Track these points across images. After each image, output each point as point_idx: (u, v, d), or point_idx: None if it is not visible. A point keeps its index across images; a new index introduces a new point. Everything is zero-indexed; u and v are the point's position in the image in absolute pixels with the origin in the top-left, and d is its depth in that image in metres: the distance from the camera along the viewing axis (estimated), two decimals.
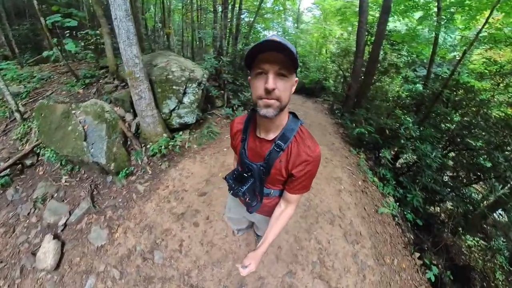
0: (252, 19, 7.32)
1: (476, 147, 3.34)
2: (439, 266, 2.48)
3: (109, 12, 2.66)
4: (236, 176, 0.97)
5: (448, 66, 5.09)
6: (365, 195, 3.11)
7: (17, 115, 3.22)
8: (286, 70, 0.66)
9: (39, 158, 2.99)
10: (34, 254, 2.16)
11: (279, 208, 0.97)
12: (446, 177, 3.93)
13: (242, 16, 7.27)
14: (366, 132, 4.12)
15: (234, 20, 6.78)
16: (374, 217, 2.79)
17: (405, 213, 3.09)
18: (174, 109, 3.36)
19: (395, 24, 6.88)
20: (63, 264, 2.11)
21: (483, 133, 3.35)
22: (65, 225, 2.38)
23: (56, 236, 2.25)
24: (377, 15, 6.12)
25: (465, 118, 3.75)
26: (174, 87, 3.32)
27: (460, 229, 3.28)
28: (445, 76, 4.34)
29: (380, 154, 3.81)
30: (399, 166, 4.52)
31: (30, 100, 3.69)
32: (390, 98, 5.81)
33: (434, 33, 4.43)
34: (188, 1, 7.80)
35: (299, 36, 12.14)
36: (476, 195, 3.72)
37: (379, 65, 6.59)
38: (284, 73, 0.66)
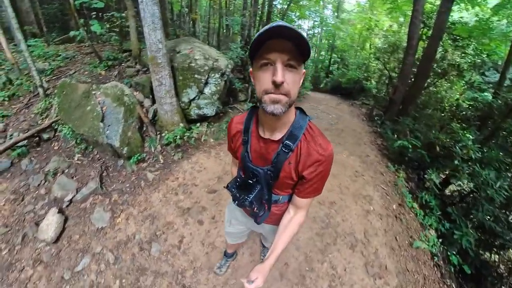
0: (286, 6, 7.32)
1: None
2: None
3: None
4: (239, 184, 0.95)
5: None
6: (399, 222, 2.89)
7: (40, 90, 3.65)
8: (295, 60, 0.64)
9: (56, 134, 3.38)
10: (37, 224, 2.45)
11: (288, 215, 0.96)
12: None
13: (275, 3, 7.29)
14: (410, 146, 3.83)
15: (266, 6, 6.84)
16: (407, 251, 2.58)
17: (449, 254, 2.79)
18: (194, 99, 3.56)
19: (461, 14, 6.26)
20: (63, 239, 2.38)
21: None
22: (70, 201, 2.68)
23: (60, 211, 2.52)
24: (438, 2, 5.62)
25: None
26: (196, 75, 3.50)
27: None
28: None
29: (425, 176, 3.50)
30: (449, 194, 4.11)
31: (53, 78, 4.18)
32: (447, 108, 5.31)
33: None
34: None
35: (338, 27, 11.79)
36: None
37: (435, 65, 6.10)
38: (294, 64, 0.64)
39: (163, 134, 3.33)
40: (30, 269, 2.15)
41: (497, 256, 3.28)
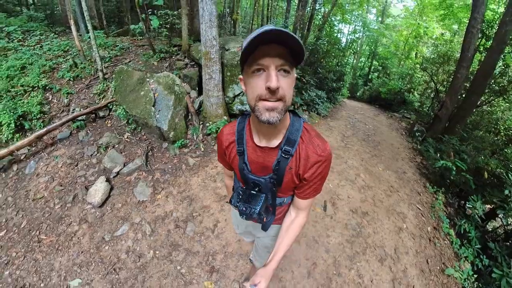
0: (329, 10, 7.40)
1: None
2: None
3: None
4: (242, 197, 0.92)
5: None
6: (432, 246, 2.86)
7: (100, 74, 4.21)
8: (289, 65, 0.64)
9: (110, 113, 3.87)
10: (87, 188, 2.84)
11: (289, 217, 0.98)
12: None
13: (317, 6, 7.41)
14: (454, 168, 3.69)
15: (308, 9, 7.00)
16: (437, 276, 2.56)
17: None
18: (238, 95, 3.92)
19: None
20: (107, 204, 2.71)
21: None
22: (117, 173, 3.06)
23: (108, 180, 2.89)
24: (502, 10, 5.25)
25: None
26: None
27: None
28: None
29: (468, 203, 3.37)
30: (492, 230, 3.84)
31: (111, 64, 4.80)
32: (502, 131, 4.97)
33: None
34: None
35: (382, 33, 11.48)
36: None
37: (492, 81, 5.72)
38: (287, 68, 0.64)
39: (206, 125, 3.69)
40: (76, 225, 2.52)
41: None
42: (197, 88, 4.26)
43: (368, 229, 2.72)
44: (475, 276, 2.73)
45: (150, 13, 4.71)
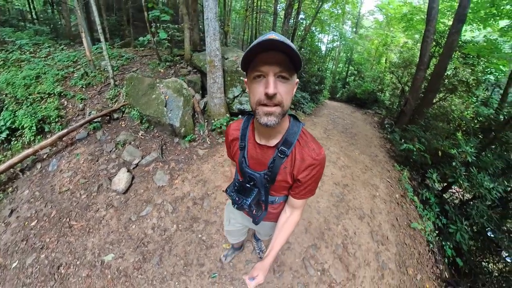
0: (310, 22, 7.98)
1: None
2: None
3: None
4: (237, 188, 0.95)
5: None
6: (400, 207, 3.38)
7: (112, 81, 4.43)
8: (287, 72, 0.65)
9: (123, 115, 4.07)
10: (110, 179, 2.98)
11: (284, 215, 0.99)
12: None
13: (300, 19, 7.98)
14: (415, 150, 4.28)
15: (292, 22, 7.54)
16: (405, 230, 3.06)
17: (444, 244, 3.12)
18: (237, 96, 4.33)
19: (473, 34, 6.60)
20: (130, 191, 2.90)
21: None
22: (137, 165, 3.28)
23: (128, 171, 3.09)
24: (450, 22, 6.02)
25: None
26: (241, 77, 4.25)
27: None
28: None
29: (427, 175, 3.94)
30: (448, 197, 4.42)
31: (119, 73, 5.04)
32: (453, 120, 5.67)
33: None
34: (249, 2, 8.93)
35: (356, 42, 12.34)
36: None
37: (446, 81, 6.46)
38: (286, 75, 0.65)
39: (212, 122, 4.04)
40: (103, 210, 2.67)
41: (493, 263, 3.32)
42: (200, 92, 4.62)
43: (349, 196, 3.19)
44: (437, 232, 3.23)
45: (153, 26, 5.03)
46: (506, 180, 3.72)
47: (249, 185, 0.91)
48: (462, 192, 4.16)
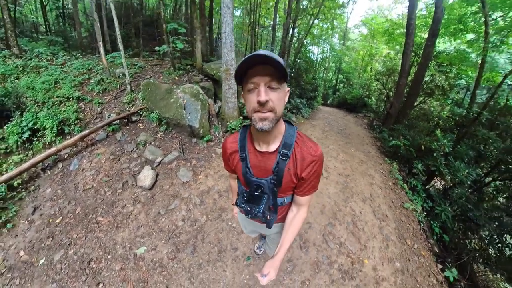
0: (303, 36, 8.62)
1: None
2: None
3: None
4: (247, 198, 0.95)
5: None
6: (394, 192, 3.86)
7: (128, 87, 4.62)
8: (276, 81, 0.70)
9: (141, 118, 4.19)
10: (134, 176, 2.95)
11: (292, 213, 1.01)
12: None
13: (295, 32, 8.62)
14: (402, 145, 4.83)
15: (289, 35, 8.16)
16: (400, 210, 3.52)
17: (432, 223, 3.58)
18: None
19: (446, 45, 7.37)
20: (156, 187, 2.91)
21: None
22: (159, 163, 3.31)
23: (152, 168, 3.10)
24: (426, 36, 6.75)
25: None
26: None
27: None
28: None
29: (413, 165, 4.48)
30: (431, 185, 4.92)
31: (133, 80, 5.27)
32: (436, 119, 6.33)
33: (480, 56, 4.94)
34: (246, 19, 9.55)
35: (344, 53, 13.19)
36: None
37: (425, 86, 7.18)
38: (275, 85, 0.70)
39: (227, 123, 4.41)
40: (130, 206, 2.64)
41: (474, 240, 3.82)
42: (213, 97, 5.02)
43: (351, 184, 3.63)
44: (425, 213, 3.74)
45: (172, 38, 5.42)
46: (479, 168, 4.32)
47: (257, 193, 0.92)
48: (444, 183, 4.73)
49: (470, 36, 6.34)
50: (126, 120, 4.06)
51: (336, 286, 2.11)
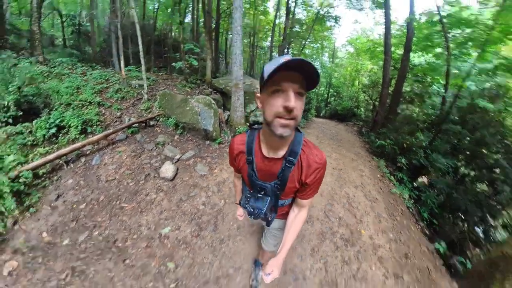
0: (298, 55, 9.59)
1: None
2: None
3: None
4: (250, 199, 0.99)
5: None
6: (382, 182, 4.40)
7: (145, 96, 5.04)
8: (303, 89, 0.70)
9: (158, 123, 4.55)
10: (156, 169, 3.17)
11: (293, 213, 1.04)
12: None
13: (290, 52, 9.61)
14: (386, 144, 5.48)
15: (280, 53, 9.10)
16: (388, 195, 4.00)
17: (420, 209, 3.98)
18: (253, 111, 5.43)
19: (420, 59, 8.33)
20: (176, 179, 3.16)
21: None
22: (178, 159, 3.61)
23: (172, 163, 3.37)
24: (402, 52, 7.67)
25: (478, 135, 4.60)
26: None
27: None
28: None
29: (397, 160, 5.09)
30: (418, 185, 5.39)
31: (148, 91, 5.61)
32: (416, 122, 7.08)
33: (445, 66, 5.82)
34: (245, 41, 10.61)
35: (334, 70, 14.37)
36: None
37: (405, 95, 8.03)
38: (302, 92, 0.70)
39: (235, 129, 4.99)
40: (153, 194, 2.83)
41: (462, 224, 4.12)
42: (222, 108, 5.67)
43: (344, 175, 4.16)
44: (413, 200, 4.22)
45: (178, 56, 6.16)
46: (457, 159, 4.93)
47: (260, 195, 0.95)
48: (429, 179, 5.29)
49: (438, 49, 7.31)
50: (144, 124, 4.40)
51: (341, 252, 2.44)
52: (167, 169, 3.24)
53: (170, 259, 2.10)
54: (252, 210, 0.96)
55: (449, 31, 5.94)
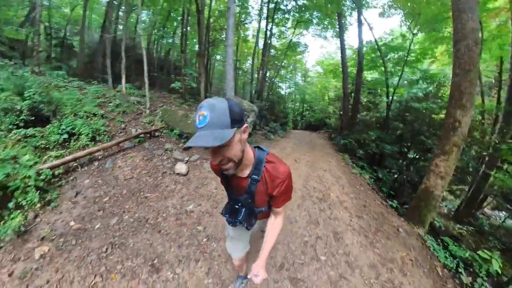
0: (274, 77, 11.19)
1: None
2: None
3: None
4: (229, 210, 1.12)
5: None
6: (346, 168, 5.59)
7: (147, 110, 5.61)
8: (218, 146, 0.75)
9: (162, 134, 4.89)
10: (170, 168, 3.54)
11: (271, 220, 1.16)
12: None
13: (267, 74, 11.19)
14: (348, 142, 6.87)
15: (260, 75, 10.59)
16: (350, 175, 5.12)
17: (380, 185, 5.26)
18: None
19: (373, 75, 10.38)
20: (189, 174, 3.62)
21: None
22: (187, 161, 4.08)
23: (184, 163, 3.83)
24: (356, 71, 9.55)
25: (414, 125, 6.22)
26: (245, 112, 6.39)
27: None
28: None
29: (357, 152, 6.45)
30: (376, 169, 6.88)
31: (149, 106, 6.25)
32: (374, 124, 8.74)
33: (384, 81, 7.75)
34: None
35: (306, 87, 16.45)
36: None
37: (363, 104, 9.82)
38: (221, 145, 0.73)
39: None
40: (173, 185, 3.27)
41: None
42: None
43: (316, 165, 5.24)
44: (373, 179, 5.46)
45: (173, 77, 7.05)
46: (402, 146, 6.39)
47: (237, 206, 1.09)
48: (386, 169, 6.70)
49: (382, 69, 9.32)
50: (149, 135, 4.74)
51: (318, 205, 3.29)
52: (181, 167, 3.73)
53: (198, 224, 2.55)
54: (230, 219, 1.11)
55: (385, 55, 7.89)
